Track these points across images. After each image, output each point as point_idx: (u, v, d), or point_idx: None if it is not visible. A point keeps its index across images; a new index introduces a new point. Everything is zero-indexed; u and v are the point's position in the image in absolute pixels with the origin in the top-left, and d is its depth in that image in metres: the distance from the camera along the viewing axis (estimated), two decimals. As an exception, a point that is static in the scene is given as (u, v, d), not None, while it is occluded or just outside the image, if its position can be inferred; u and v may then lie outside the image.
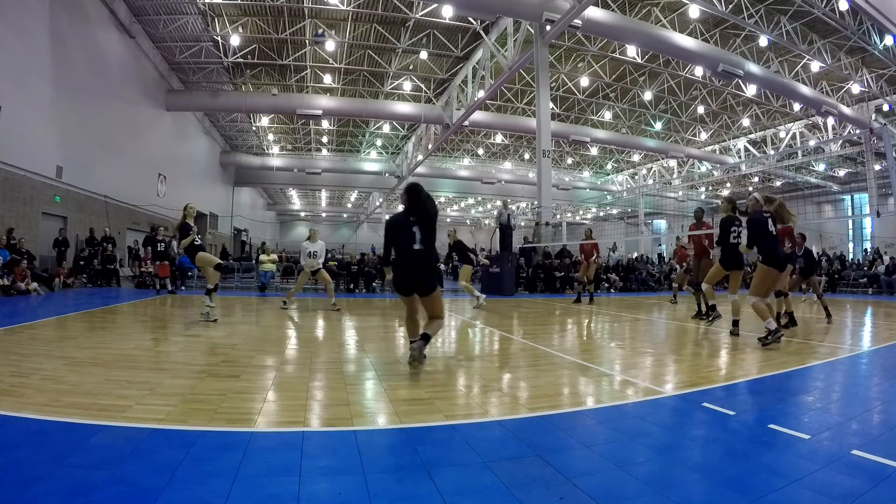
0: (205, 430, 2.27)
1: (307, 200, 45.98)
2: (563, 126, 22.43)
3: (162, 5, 14.81)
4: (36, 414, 2.39)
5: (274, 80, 20.57)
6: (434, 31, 16.52)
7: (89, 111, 13.49)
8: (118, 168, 15.28)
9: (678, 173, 30.23)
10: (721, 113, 23.43)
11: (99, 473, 1.77)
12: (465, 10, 13.83)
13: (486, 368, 3.94)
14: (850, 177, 27.65)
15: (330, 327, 6.43)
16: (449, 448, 2.17)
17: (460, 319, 7.76)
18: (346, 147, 30.35)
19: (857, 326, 7.42)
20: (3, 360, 3.60)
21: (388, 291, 12.61)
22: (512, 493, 1.72)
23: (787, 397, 3.07)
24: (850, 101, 19.52)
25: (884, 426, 2.54)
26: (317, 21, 16.09)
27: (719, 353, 4.74)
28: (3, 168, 10.40)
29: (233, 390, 2.99)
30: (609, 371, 3.87)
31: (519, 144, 28.97)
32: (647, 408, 2.85)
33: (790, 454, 2.11)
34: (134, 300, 9.43)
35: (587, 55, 18.28)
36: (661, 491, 1.76)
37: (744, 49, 16.59)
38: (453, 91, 19.41)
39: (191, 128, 22.73)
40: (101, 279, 12.91)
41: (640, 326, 7.02)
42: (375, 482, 1.78)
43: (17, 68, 10.57)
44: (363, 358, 4.26)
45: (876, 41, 14.90)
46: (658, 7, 15.13)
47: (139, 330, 5.71)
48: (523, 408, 2.82)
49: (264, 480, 1.78)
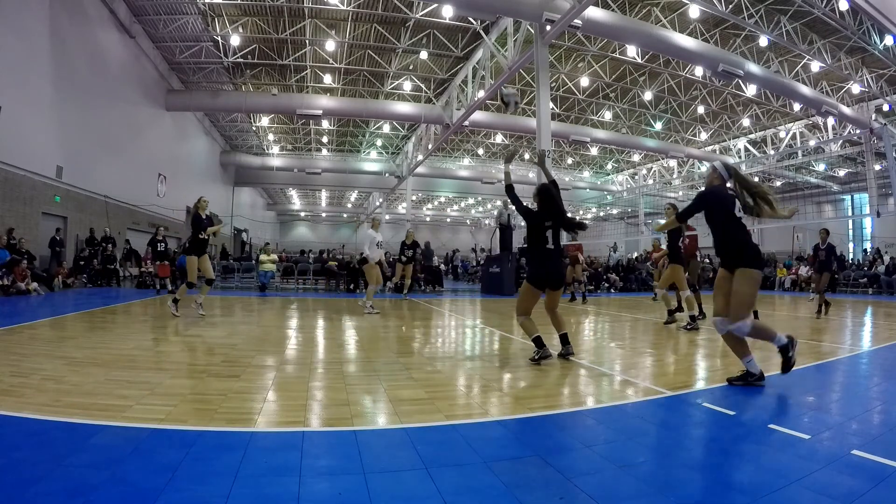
0: (205, 430, 2.27)
1: (307, 200, 45.98)
2: (563, 126, 22.42)
3: (162, 5, 14.81)
4: (36, 414, 2.39)
5: (274, 80, 20.57)
6: (434, 31, 16.51)
7: (89, 111, 13.49)
8: (118, 168, 15.28)
9: (678, 173, 30.22)
10: (721, 113, 23.42)
11: (99, 473, 1.77)
12: (465, 10, 13.82)
13: (486, 368, 3.94)
14: (850, 177, 27.64)
15: (330, 327, 6.43)
16: (449, 448, 2.17)
17: (460, 319, 7.76)
18: (346, 147, 30.35)
19: (857, 326, 7.42)
20: (3, 360, 3.60)
21: (389, 291, 12.60)
22: (512, 494, 1.72)
23: (787, 397, 3.07)
24: (850, 101, 19.51)
25: (884, 426, 2.54)
26: (317, 21, 16.09)
27: (719, 353, 4.74)
28: (3, 168, 10.40)
29: (233, 390, 2.99)
30: (609, 371, 3.87)
31: (519, 144, 28.97)
32: (647, 408, 2.85)
33: (790, 454, 2.10)
34: (134, 300, 9.43)
35: (587, 55, 18.28)
36: (661, 491, 1.76)
37: (744, 49, 16.58)
38: (453, 91, 19.40)
39: (191, 128, 22.73)
40: (101, 279, 12.92)
41: (640, 326, 7.02)
42: (375, 482, 1.78)
43: (17, 68, 10.57)
44: (363, 358, 4.26)
45: (876, 41, 14.90)
46: (658, 7, 15.12)
47: (139, 330, 5.71)
48: (523, 408, 2.82)
49: (264, 480, 1.78)
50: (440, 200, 44.02)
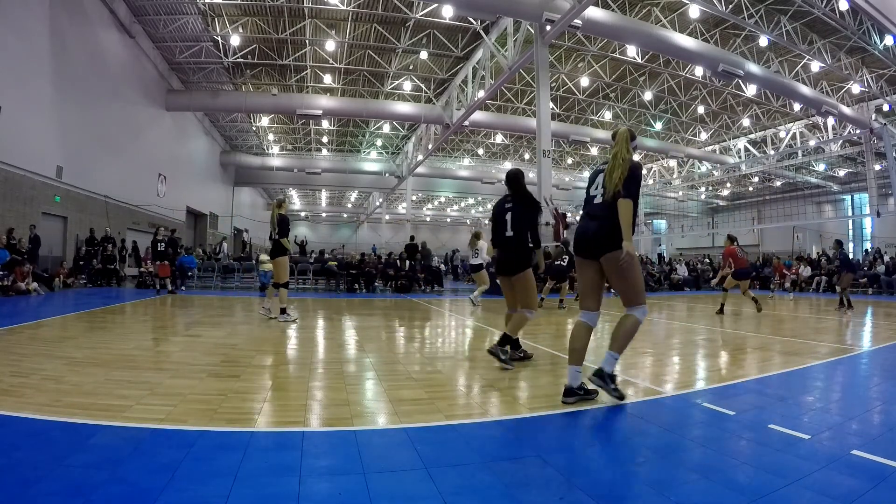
0: (205, 430, 2.27)
1: (307, 200, 45.98)
2: (563, 126, 22.43)
3: (162, 5, 14.81)
4: (36, 414, 2.39)
5: (274, 80, 20.57)
6: (434, 31, 16.52)
7: (89, 111, 13.50)
8: (118, 168, 15.28)
9: (678, 173, 30.23)
10: (721, 113, 23.42)
11: (99, 473, 1.77)
12: (465, 10, 13.82)
13: (486, 368, 3.94)
14: (850, 177, 27.65)
15: (330, 327, 6.43)
16: (449, 448, 2.17)
17: (460, 319, 7.76)
18: (346, 147, 30.36)
19: (856, 326, 7.42)
20: (3, 360, 3.60)
21: (389, 291, 12.60)
22: (512, 494, 1.72)
23: (787, 397, 3.06)
24: (850, 101, 19.51)
25: (884, 426, 2.54)
26: (317, 21, 16.09)
27: (719, 354, 4.74)
28: (3, 168, 10.40)
29: (233, 390, 2.99)
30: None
31: (519, 144, 28.97)
32: (647, 408, 2.85)
33: (790, 454, 2.10)
34: (134, 300, 9.43)
35: (587, 55, 18.28)
36: (661, 491, 1.76)
37: (744, 49, 16.59)
38: (453, 91, 19.40)
39: (191, 128, 22.74)
40: (101, 279, 12.92)
41: (640, 326, 7.01)
42: (375, 482, 1.78)
43: (17, 68, 10.57)
44: (363, 358, 4.26)
45: (876, 41, 14.90)
46: (658, 7, 15.13)
47: (139, 330, 5.71)
48: (523, 408, 2.82)
49: (264, 480, 1.78)
50: (440, 200, 44.00)
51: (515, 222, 4.00)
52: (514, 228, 3.99)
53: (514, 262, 3.99)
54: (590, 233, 2.86)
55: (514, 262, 4.00)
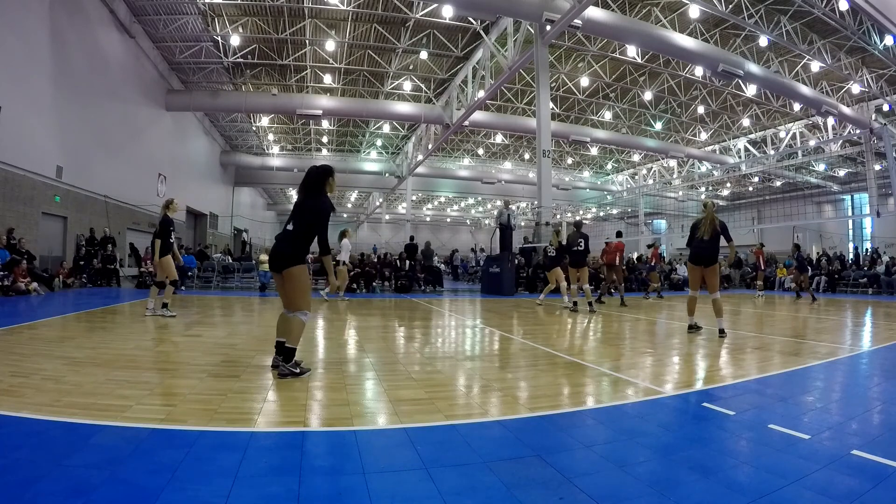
0: (205, 430, 2.27)
1: (307, 200, 45.90)
2: (563, 126, 22.42)
3: (162, 5, 14.81)
4: (36, 414, 2.39)
5: (274, 80, 20.57)
6: (434, 31, 16.51)
7: (89, 111, 13.49)
8: (118, 168, 15.28)
9: (678, 173, 30.23)
10: (721, 113, 23.42)
11: (99, 473, 1.77)
12: (465, 10, 13.83)
13: (486, 368, 3.94)
14: (850, 177, 27.65)
15: (330, 327, 6.43)
16: (449, 448, 2.17)
17: (460, 319, 7.76)
18: (346, 147, 30.36)
19: (856, 326, 7.42)
20: (3, 360, 3.59)
21: (388, 291, 12.59)
22: (512, 494, 1.72)
23: (787, 397, 3.06)
24: (850, 101, 19.51)
25: (884, 426, 2.54)
26: (317, 21, 16.09)
27: (719, 354, 4.74)
28: (3, 168, 10.39)
29: (233, 390, 2.99)
30: (609, 371, 3.86)
31: (519, 144, 28.97)
32: (647, 408, 2.85)
33: (790, 454, 2.10)
34: (134, 300, 9.42)
35: (587, 55, 18.28)
36: (661, 491, 1.76)
37: (744, 49, 16.59)
38: (453, 91, 19.41)
39: (191, 128, 22.73)
40: (101, 279, 12.91)
41: (640, 326, 7.02)
42: (375, 482, 1.78)
43: (17, 68, 10.56)
44: (363, 358, 4.26)
45: (876, 41, 14.90)
46: (658, 7, 15.13)
47: (139, 330, 5.70)
48: (523, 408, 2.82)
49: (264, 480, 1.78)
50: (440, 200, 44.00)
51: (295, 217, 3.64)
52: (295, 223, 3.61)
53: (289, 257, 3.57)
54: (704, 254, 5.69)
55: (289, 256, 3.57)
